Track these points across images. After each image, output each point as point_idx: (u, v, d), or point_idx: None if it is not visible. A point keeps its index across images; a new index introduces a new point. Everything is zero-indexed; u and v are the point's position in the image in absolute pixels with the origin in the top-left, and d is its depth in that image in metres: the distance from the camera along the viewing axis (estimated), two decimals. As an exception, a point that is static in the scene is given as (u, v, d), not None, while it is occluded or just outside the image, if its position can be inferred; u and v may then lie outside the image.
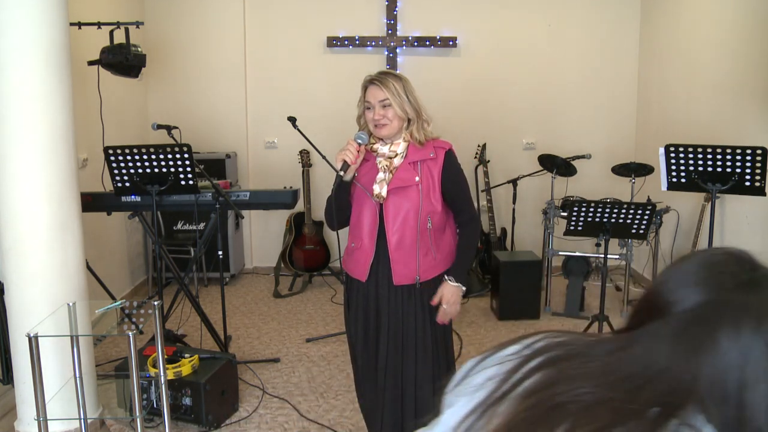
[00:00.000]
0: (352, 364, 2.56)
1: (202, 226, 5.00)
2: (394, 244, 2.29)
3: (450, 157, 2.33)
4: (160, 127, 3.63)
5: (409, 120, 2.29)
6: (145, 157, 3.30)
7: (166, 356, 2.80)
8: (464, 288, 2.33)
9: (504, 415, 0.69)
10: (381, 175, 2.29)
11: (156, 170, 3.34)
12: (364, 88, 2.32)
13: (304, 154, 5.29)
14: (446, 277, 2.34)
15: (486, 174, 5.38)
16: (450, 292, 2.31)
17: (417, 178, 2.27)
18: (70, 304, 2.32)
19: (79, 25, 3.83)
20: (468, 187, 2.41)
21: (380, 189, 2.27)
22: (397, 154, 2.29)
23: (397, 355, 2.33)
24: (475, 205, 5.55)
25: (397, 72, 2.35)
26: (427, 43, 5.49)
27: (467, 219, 2.41)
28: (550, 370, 0.71)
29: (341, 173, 2.25)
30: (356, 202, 2.36)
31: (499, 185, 5.44)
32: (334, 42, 5.48)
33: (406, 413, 2.33)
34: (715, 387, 0.64)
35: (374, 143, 2.35)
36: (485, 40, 5.58)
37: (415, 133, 2.29)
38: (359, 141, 2.27)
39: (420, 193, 2.27)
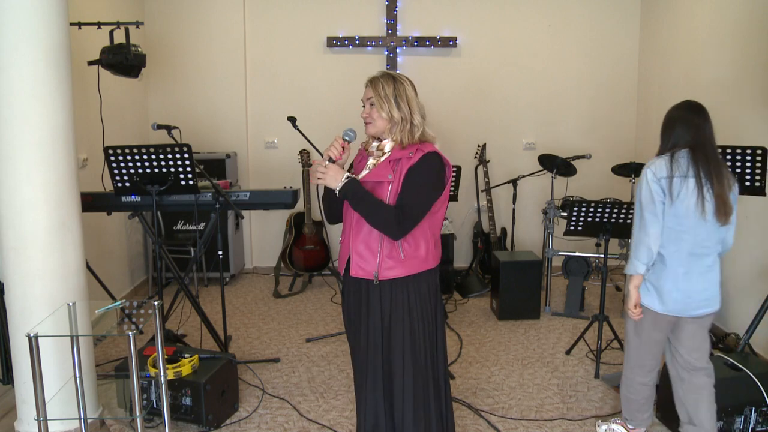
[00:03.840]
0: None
1: (202, 226, 5.01)
2: (359, 237, 2.31)
3: (425, 158, 2.25)
4: (160, 127, 3.63)
5: (394, 122, 2.28)
6: (145, 157, 3.31)
7: (166, 356, 2.80)
8: (339, 185, 2.23)
9: None
10: (365, 171, 2.33)
11: (156, 170, 3.34)
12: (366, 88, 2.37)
13: (304, 154, 5.29)
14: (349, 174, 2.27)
15: (486, 174, 5.38)
16: (334, 169, 2.25)
17: (390, 176, 2.26)
18: (70, 304, 2.31)
19: (79, 25, 3.83)
20: (424, 193, 2.25)
21: None
22: (384, 153, 2.32)
23: (376, 349, 2.36)
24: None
25: (397, 74, 2.34)
26: (427, 43, 5.49)
27: (399, 210, 2.22)
28: None
29: None
30: None
31: (499, 185, 5.44)
32: (334, 42, 5.49)
33: (384, 406, 2.37)
34: None
35: (369, 141, 2.39)
36: (485, 40, 5.58)
37: (398, 134, 2.29)
38: (346, 138, 2.31)
39: (389, 191, 2.25)
